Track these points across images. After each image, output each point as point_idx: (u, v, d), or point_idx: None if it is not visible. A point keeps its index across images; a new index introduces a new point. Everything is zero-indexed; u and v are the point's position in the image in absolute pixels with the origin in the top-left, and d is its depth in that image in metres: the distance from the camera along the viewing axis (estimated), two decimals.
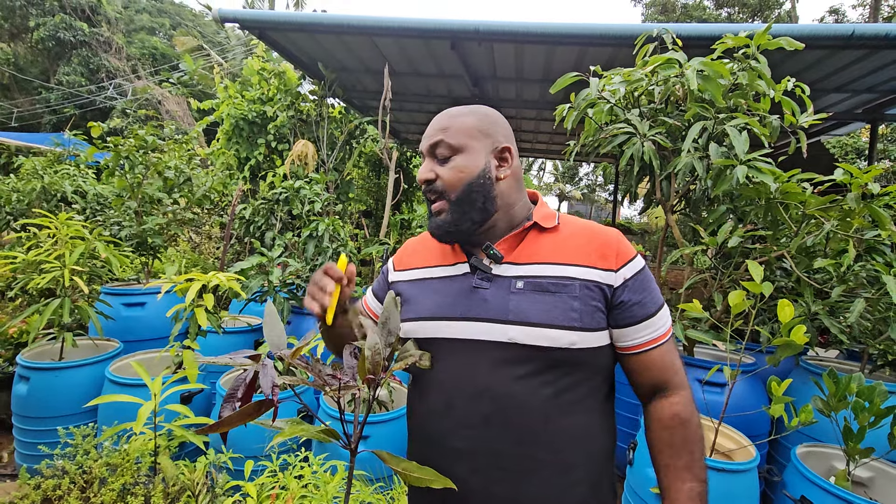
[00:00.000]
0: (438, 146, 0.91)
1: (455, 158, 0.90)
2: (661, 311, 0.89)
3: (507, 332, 0.83)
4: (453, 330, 0.88)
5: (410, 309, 0.97)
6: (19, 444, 2.43)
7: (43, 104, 16.42)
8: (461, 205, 0.89)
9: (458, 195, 0.89)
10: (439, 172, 0.91)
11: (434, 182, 0.91)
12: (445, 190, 0.90)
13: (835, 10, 17.63)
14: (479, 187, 0.90)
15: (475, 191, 0.89)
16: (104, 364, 2.50)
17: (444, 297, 0.93)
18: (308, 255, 3.00)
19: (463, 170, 0.90)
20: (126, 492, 1.63)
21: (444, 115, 0.95)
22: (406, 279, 1.03)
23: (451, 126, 0.91)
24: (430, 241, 1.02)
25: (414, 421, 0.97)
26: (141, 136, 3.53)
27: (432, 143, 0.92)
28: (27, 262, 2.53)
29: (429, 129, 0.94)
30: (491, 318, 0.85)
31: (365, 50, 4.59)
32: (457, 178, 0.89)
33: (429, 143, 0.92)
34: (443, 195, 0.90)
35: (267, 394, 0.68)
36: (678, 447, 0.86)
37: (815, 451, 2.19)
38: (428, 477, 0.76)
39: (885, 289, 2.12)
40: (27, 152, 8.05)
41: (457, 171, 0.90)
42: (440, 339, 0.90)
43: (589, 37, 3.45)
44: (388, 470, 2.03)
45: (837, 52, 3.48)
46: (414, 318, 0.95)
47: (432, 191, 0.91)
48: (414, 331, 0.93)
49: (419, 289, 0.98)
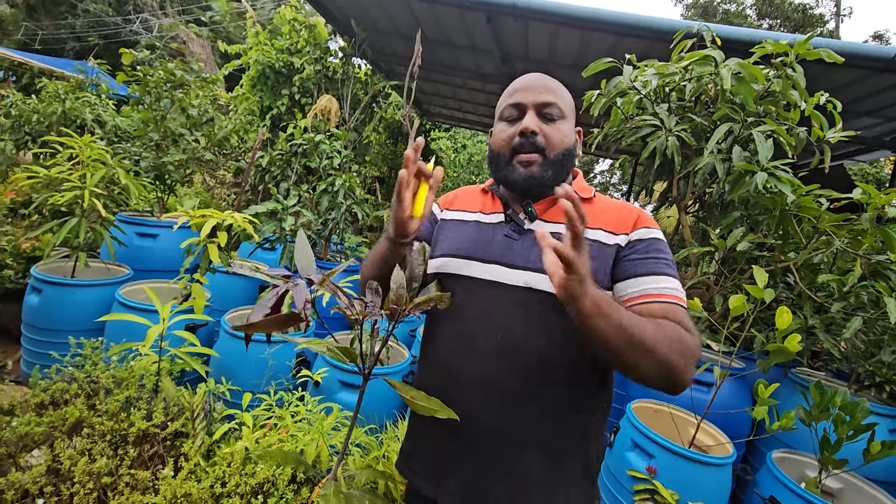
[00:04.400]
0: (550, 106, 0.96)
1: (561, 123, 0.97)
2: (670, 278, 0.88)
3: (523, 277, 0.90)
4: (478, 270, 0.95)
5: (445, 245, 1.03)
6: (26, 352, 2.52)
7: (68, 30, 16.24)
8: (554, 165, 0.95)
9: (555, 156, 0.95)
10: (545, 130, 0.95)
11: (536, 135, 0.94)
12: (546, 147, 0.95)
13: (879, 35, 17.19)
14: (570, 155, 0.98)
15: (568, 157, 0.97)
16: (114, 287, 2.57)
17: (477, 240, 0.99)
18: (321, 209, 3.04)
19: (567, 135, 0.97)
20: (129, 404, 1.71)
21: (544, 78, 0.99)
22: (449, 218, 1.10)
23: (558, 92, 0.98)
24: (472, 192, 1.11)
25: (429, 349, 1.03)
26: (170, 69, 3.53)
27: (544, 100, 0.96)
28: (49, 179, 2.57)
29: (531, 84, 0.98)
30: (512, 264, 0.92)
31: (399, 12, 4.53)
32: (560, 140, 0.96)
33: (539, 99, 0.96)
34: (541, 150, 0.95)
35: (300, 308, 0.73)
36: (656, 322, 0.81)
37: (790, 457, 2.26)
38: (433, 406, 0.81)
39: (883, 311, 2.16)
40: (50, 75, 8.04)
41: (561, 134, 0.96)
42: (465, 276, 0.96)
43: (628, 27, 3.40)
44: (380, 419, 2.11)
45: (875, 75, 3.42)
46: (447, 253, 1.01)
47: (532, 143, 0.94)
48: (444, 265, 1.00)
49: (457, 229, 1.05)
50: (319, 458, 1.61)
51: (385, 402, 2.25)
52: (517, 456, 0.89)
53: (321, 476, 1.56)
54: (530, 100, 0.96)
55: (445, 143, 10.27)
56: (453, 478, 0.93)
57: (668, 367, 0.75)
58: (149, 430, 1.61)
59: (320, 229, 3.42)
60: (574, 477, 0.93)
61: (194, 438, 1.66)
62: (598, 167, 27.28)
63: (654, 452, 2.01)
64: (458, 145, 11.28)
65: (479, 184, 1.17)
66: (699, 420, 2.17)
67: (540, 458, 0.89)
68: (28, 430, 1.49)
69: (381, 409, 2.19)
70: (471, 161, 10.76)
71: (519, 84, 1.00)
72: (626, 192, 13.22)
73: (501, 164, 0.99)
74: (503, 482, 0.89)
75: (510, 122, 0.99)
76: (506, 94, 1.02)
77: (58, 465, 1.41)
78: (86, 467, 1.38)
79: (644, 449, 2.06)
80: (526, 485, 0.89)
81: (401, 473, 1.04)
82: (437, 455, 0.96)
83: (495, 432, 0.89)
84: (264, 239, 2.89)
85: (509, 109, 0.99)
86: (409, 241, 0.95)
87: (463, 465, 0.92)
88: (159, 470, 1.51)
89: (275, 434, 1.71)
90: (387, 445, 1.78)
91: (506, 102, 1.00)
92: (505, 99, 1.01)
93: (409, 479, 1.01)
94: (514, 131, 0.96)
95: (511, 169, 0.97)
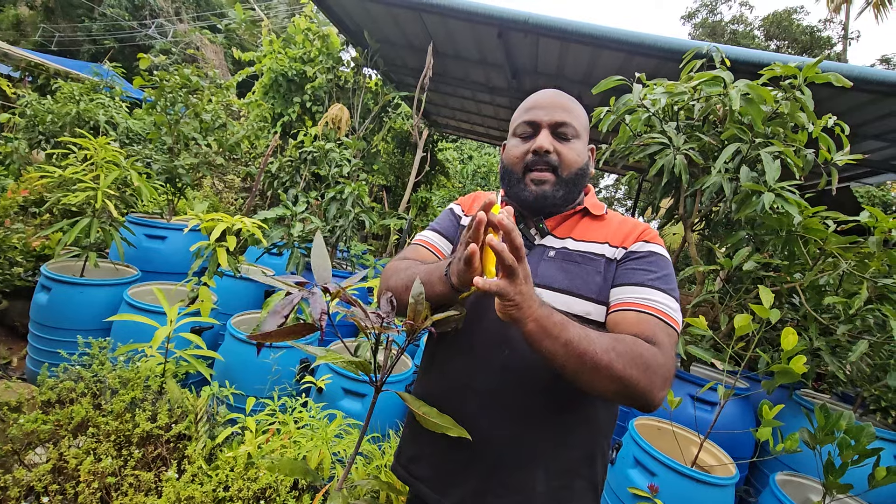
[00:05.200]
0: (565, 125, 0.96)
1: (574, 142, 0.97)
2: (659, 291, 0.86)
3: None
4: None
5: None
6: (32, 349, 2.54)
7: (84, 32, 16.53)
8: (567, 184, 0.96)
9: (569, 175, 0.96)
10: (559, 149, 0.96)
11: (550, 154, 0.95)
12: (559, 166, 0.95)
13: (886, 59, 17.25)
14: (583, 174, 0.99)
15: (581, 176, 0.98)
16: (123, 288, 2.59)
17: None
18: (329, 216, 3.06)
19: (580, 155, 0.98)
20: (134, 405, 1.72)
21: (560, 96, 0.99)
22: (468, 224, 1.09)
23: (573, 111, 0.98)
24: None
25: (434, 359, 1.03)
26: (185, 74, 3.59)
27: (559, 120, 0.96)
28: (62, 179, 2.61)
29: (547, 103, 0.98)
30: None
31: (411, 25, 4.60)
32: (574, 160, 0.96)
33: (554, 118, 0.96)
34: (553, 169, 0.95)
35: (315, 319, 0.73)
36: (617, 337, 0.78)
37: (793, 480, 2.24)
38: (446, 424, 0.81)
39: (889, 335, 2.15)
40: (65, 77, 8.16)
41: (575, 154, 0.97)
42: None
43: (638, 45, 3.44)
44: (382, 428, 2.11)
45: (883, 99, 3.45)
46: None
47: (545, 161, 0.95)
48: None
49: None
50: (321, 466, 1.61)
51: (388, 411, 2.25)
52: (523, 471, 0.89)
53: (323, 483, 1.55)
54: (545, 118, 0.96)
55: (452, 154, 10.33)
56: (458, 487, 0.92)
57: (626, 383, 0.72)
58: (153, 432, 1.62)
59: (327, 236, 3.44)
60: (580, 495, 0.92)
61: (197, 441, 1.67)
62: (604, 181, 27.32)
63: (656, 470, 2.00)
64: (465, 156, 11.34)
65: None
66: (702, 439, 2.16)
67: (545, 474, 0.89)
68: (34, 428, 1.50)
69: (384, 419, 2.19)
70: (477, 172, 10.81)
71: (534, 101, 1.00)
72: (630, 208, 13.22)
73: (514, 182, 0.99)
74: (507, 497, 0.89)
75: (524, 139, 0.99)
76: (520, 109, 1.02)
77: (63, 463, 1.42)
78: (91, 467, 1.38)
79: (646, 467, 2.04)
80: (530, 500, 0.88)
81: (399, 478, 1.02)
82: (443, 463, 0.95)
83: (501, 446, 0.89)
84: (272, 244, 2.92)
85: (523, 126, 0.99)
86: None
87: (468, 476, 0.91)
88: (163, 472, 1.51)
89: (277, 439, 1.72)
90: (389, 454, 1.77)
91: (520, 119, 1.00)
92: (519, 115, 1.01)
93: (412, 484, 1.00)
94: (527, 148, 0.97)
95: (523, 187, 0.97)
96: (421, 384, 1.06)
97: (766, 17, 17.53)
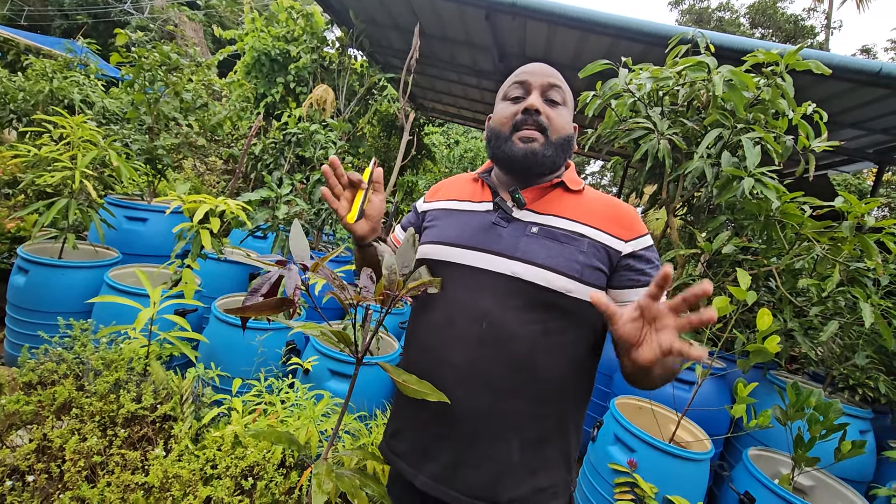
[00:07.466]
0: (555, 89, 0.98)
1: (562, 108, 0.99)
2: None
3: (511, 267, 0.91)
4: (466, 257, 0.96)
5: (433, 232, 1.05)
6: (10, 332, 2.49)
7: (55, 6, 15.86)
8: (556, 148, 0.98)
9: (558, 139, 0.98)
10: (548, 112, 0.97)
11: (540, 114, 0.96)
12: (549, 129, 0.97)
13: (867, 49, 17.54)
14: (569, 143, 1.01)
15: (567, 144, 1.00)
16: (103, 270, 2.55)
17: (465, 227, 1.00)
18: (315, 199, 3.04)
19: (567, 122, 1.01)
20: (118, 386, 1.71)
21: (548, 67, 1.01)
22: (435, 208, 1.11)
23: (561, 81, 1.00)
24: (461, 181, 1.13)
25: (414, 335, 1.05)
26: (165, 51, 3.49)
27: (551, 82, 0.98)
28: (38, 158, 2.53)
29: (537, 69, 1.00)
30: (501, 253, 0.93)
31: (397, 5, 4.52)
32: (563, 125, 0.99)
33: (546, 81, 0.98)
34: (543, 131, 0.96)
35: (290, 294, 0.74)
36: None
37: (765, 455, 2.34)
38: (425, 390, 0.83)
39: (859, 316, 2.24)
40: (37, 53, 7.85)
41: (563, 119, 0.99)
42: (453, 262, 0.97)
43: (625, 30, 3.45)
44: (370, 407, 2.14)
45: (861, 88, 3.52)
46: (435, 241, 1.02)
47: (535, 122, 0.96)
48: (433, 252, 1.01)
49: (445, 217, 1.06)
50: (309, 444, 1.63)
51: (374, 391, 2.27)
52: (498, 441, 0.91)
53: (311, 460, 1.58)
54: (536, 81, 0.98)
55: (438, 138, 10.26)
56: (434, 461, 0.93)
57: (674, 376, 0.86)
58: (138, 413, 1.62)
59: (313, 219, 3.42)
60: (552, 462, 0.94)
61: (183, 422, 1.67)
62: (589, 168, 27.47)
63: (635, 447, 2.07)
64: (452, 141, 11.27)
65: None
66: (680, 417, 2.23)
67: (520, 443, 0.91)
68: (17, 409, 1.49)
69: (371, 398, 2.21)
70: (463, 157, 10.77)
71: (525, 68, 1.02)
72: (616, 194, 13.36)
73: (501, 140, 0.99)
74: (482, 467, 0.91)
75: (514, 101, 0.99)
76: (510, 78, 1.03)
77: (47, 443, 1.41)
78: (77, 446, 1.38)
79: (626, 443, 2.11)
80: (504, 469, 0.91)
81: (384, 456, 1.04)
82: (421, 437, 0.96)
83: (477, 417, 0.90)
84: (256, 227, 2.89)
85: (514, 89, 1.00)
86: (367, 242, 1.01)
87: (444, 450, 0.93)
88: (149, 451, 1.52)
89: (264, 419, 1.73)
90: (376, 432, 1.80)
91: (510, 82, 1.01)
92: (510, 81, 1.02)
93: (392, 461, 1.01)
94: (517, 108, 0.97)
95: (511, 144, 0.97)
96: (403, 362, 1.08)
97: (752, 5, 17.63)
